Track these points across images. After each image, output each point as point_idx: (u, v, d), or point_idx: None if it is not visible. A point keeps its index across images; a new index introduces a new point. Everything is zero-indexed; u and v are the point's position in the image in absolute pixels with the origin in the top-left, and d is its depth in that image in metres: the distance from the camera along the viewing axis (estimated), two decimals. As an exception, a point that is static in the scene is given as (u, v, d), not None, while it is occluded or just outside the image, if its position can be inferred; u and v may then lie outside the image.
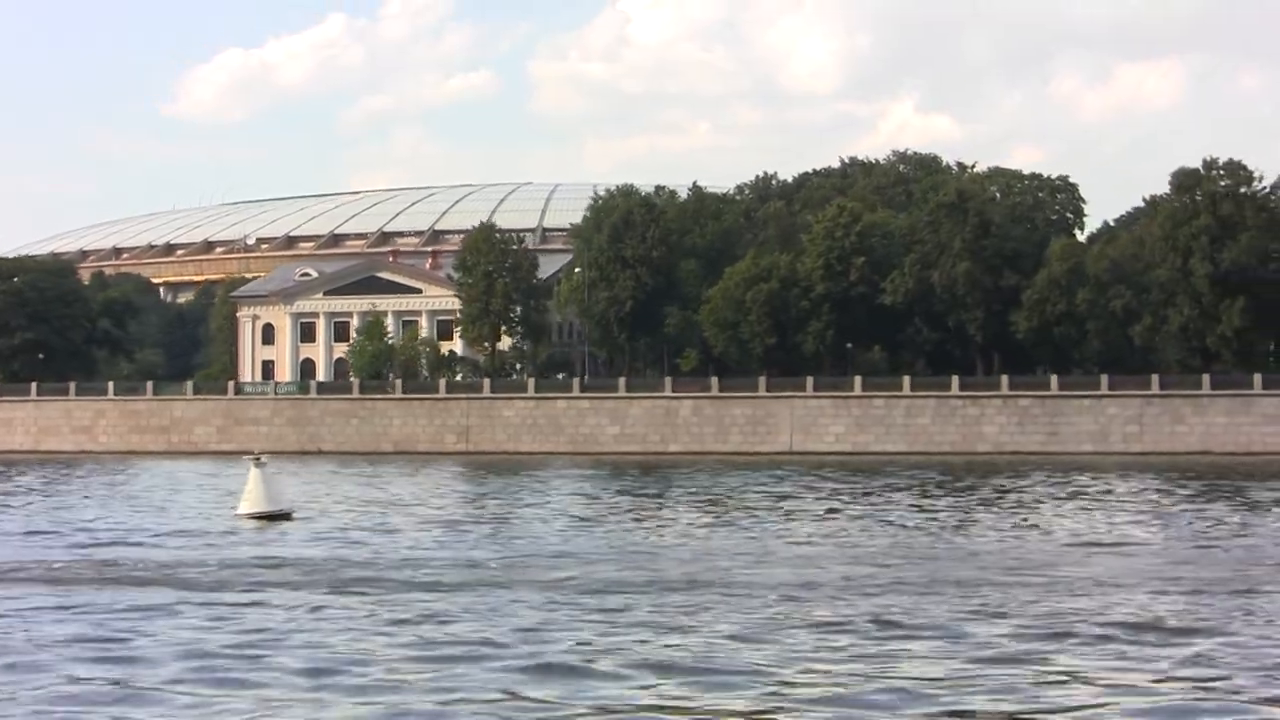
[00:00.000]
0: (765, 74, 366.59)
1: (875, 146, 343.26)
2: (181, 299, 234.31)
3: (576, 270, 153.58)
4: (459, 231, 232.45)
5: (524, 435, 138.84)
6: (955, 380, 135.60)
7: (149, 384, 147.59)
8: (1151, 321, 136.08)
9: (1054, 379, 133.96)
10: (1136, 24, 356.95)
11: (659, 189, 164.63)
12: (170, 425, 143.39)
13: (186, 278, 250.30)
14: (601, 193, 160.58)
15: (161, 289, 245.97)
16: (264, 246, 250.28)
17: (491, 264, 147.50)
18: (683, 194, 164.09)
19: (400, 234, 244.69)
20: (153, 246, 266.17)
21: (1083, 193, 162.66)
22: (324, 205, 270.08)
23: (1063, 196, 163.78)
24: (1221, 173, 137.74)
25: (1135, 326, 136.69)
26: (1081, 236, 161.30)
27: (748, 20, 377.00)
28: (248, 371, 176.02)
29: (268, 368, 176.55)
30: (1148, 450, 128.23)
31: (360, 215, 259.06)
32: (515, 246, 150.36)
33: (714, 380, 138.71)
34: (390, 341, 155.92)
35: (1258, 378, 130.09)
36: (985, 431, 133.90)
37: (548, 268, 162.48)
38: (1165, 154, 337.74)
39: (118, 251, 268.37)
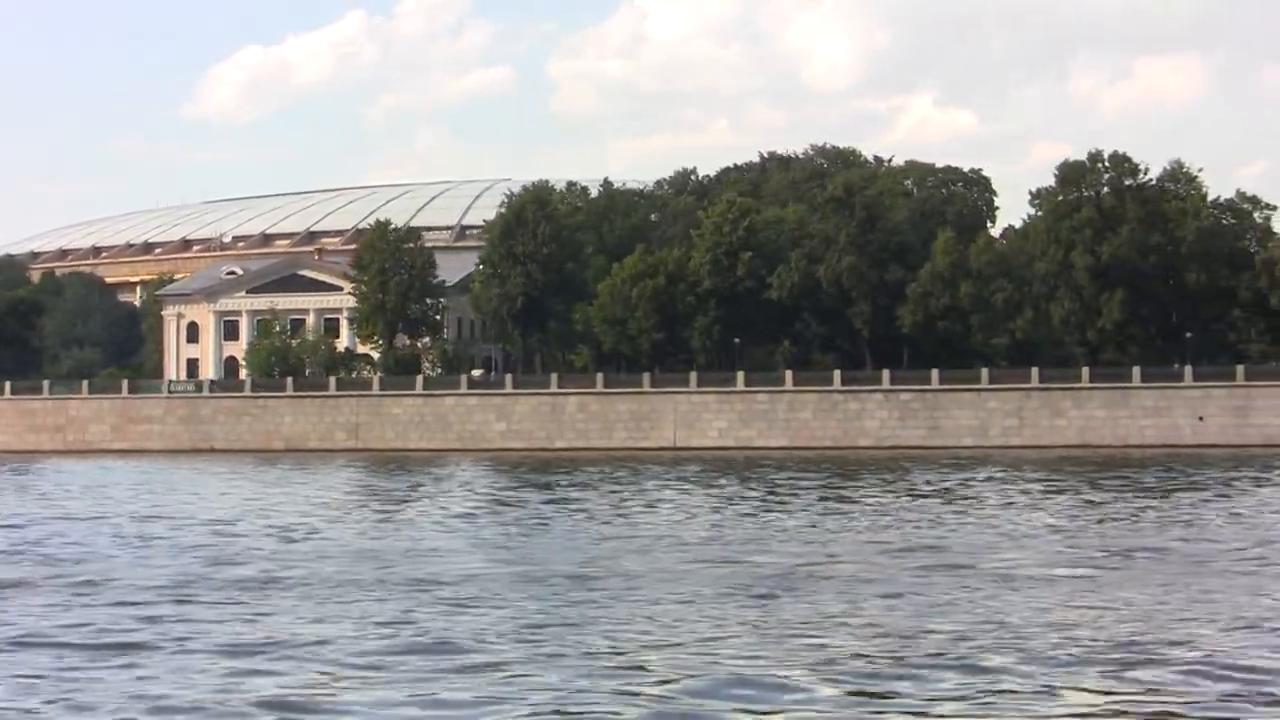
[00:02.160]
0: (783, 71, 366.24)
1: (894, 143, 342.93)
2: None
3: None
4: (433, 228, 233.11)
5: (412, 432, 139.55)
6: (837, 375, 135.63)
7: (45, 383, 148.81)
8: (1033, 315, 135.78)
9: (935, 373, 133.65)
10: (1155, 19, 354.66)
11: (571, 185, 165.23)
12: (66, 424, 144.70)
13: (162, 276, 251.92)
14: (517, 190, 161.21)
15: (139, 288, 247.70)
16: (240, 245, 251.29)
17: (387, 262, 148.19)
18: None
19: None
20: (131, 245, 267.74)
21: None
22: (302, 203, 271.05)
23: (976, 190, 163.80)
24: (1106, 165, 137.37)
25: (1017, 320, 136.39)
26: (994, 229, 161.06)
27: (765, 17, 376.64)
28: (173, 369, 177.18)
29: (193, 366, 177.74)
30: (1027, 444, 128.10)
31: (336, 213, 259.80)
32: (411, 245, 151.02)
33: (599, 376, 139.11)
34: (287, 340, 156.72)
35: (1136, 370, 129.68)
36: (866, 426, 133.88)
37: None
38: (1186, 149, 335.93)
39: (97, 250, 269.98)
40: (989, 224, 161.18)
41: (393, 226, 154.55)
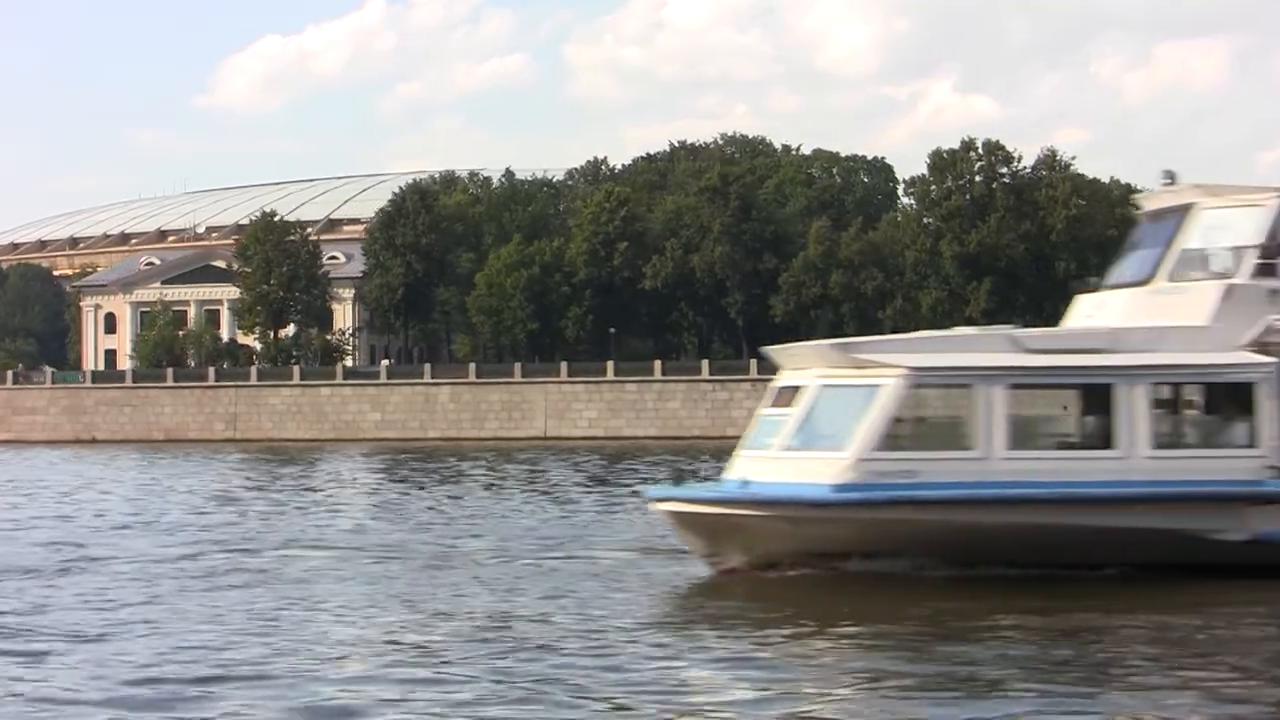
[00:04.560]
0: (803, 58, 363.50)
1: (914, 129, 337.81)
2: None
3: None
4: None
5: (289, 422, 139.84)
6: (705, 365, 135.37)
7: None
8: (902, 303, 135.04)
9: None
10: (1177, 3, 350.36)
11: (473, 174, 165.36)
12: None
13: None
14: (408, 182, 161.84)
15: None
16: (213, 235, 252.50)
17: (271, 253, 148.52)
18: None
19: (347, 221, 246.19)
20: (107, 236, 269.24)
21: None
22: (277, 193, 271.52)
23: (878, 178, 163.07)
24: (979, 153, 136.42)
25: (887, 309, 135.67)
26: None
27: (783, 4, 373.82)
28: (91, 361, 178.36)
29: (110, 357, 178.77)
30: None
31: (310, 203, 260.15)
32: (294, 236, 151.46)
33: (471, 367, 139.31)
34: (173, 330, 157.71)
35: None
36: (734, 415, 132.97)
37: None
38: (1210, 134, 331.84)
39: (74, 241, 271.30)
40: (894, 212, 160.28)
41: (277, 218, 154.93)
